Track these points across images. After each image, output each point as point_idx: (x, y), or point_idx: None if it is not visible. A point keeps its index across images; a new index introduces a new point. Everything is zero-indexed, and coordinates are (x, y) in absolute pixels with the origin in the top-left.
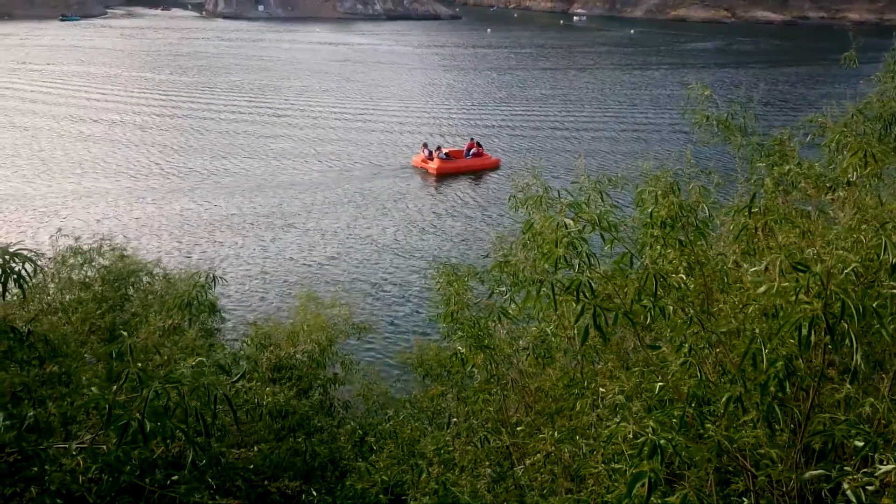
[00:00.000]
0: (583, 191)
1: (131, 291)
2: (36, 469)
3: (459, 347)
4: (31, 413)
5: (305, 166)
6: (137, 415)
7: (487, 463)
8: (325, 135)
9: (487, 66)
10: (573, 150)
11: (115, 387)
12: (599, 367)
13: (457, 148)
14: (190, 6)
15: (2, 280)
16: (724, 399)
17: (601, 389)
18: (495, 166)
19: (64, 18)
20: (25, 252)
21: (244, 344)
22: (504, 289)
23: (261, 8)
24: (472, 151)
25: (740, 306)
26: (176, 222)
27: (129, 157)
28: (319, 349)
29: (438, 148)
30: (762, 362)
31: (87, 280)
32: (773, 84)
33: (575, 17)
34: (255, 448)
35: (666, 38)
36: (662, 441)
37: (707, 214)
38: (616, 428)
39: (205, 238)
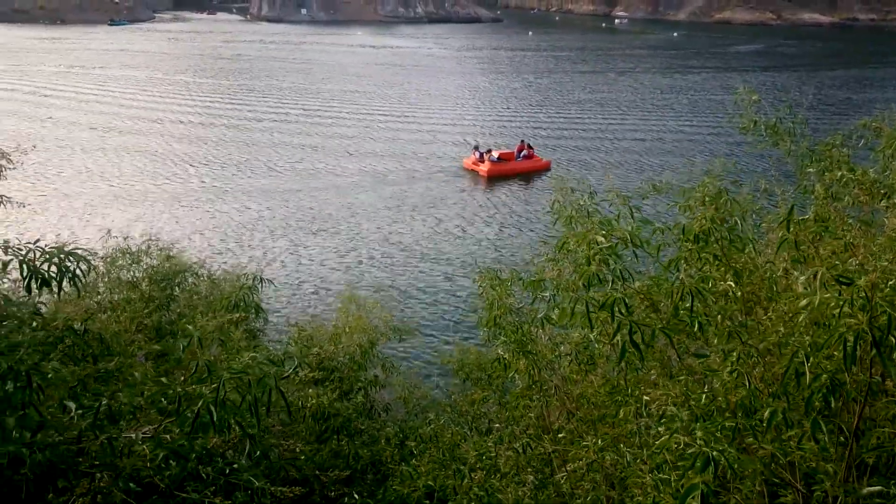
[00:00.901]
0: (614, 206)
1: (177, 291)
2: (109, 455)
3: (501, 352)
4: (105, 402)
5: (348, 169)
6: (208, 405)
7: (530, 469)
8: (370, 137)
9: (530, 69)
10: (618, 152)
11: (183, 377)
12: (642, 374)
13: (507, 150)
14: (234, 10)
15: (58, 279)
16: (767, 413)
17: (645, 398)
18: (546, 168)
19: (112, 23)
20: (80, 252)
21: (288, 345)
22: (547, 294)
23: (303, 11)
24: (522, 153)
25: (788, 316)
26: (219, 223)
27: (172, 159)
28: (361, 351)
29: (489, 150)
30: (805, 376)
31: (135, 280)
32: (822, 88)
33: (616, 20)
34: (297, 449)
35: (710, 42)
36: (715, 453)
37: (741, 229)
38: (666, 439)
39: (247, 239)
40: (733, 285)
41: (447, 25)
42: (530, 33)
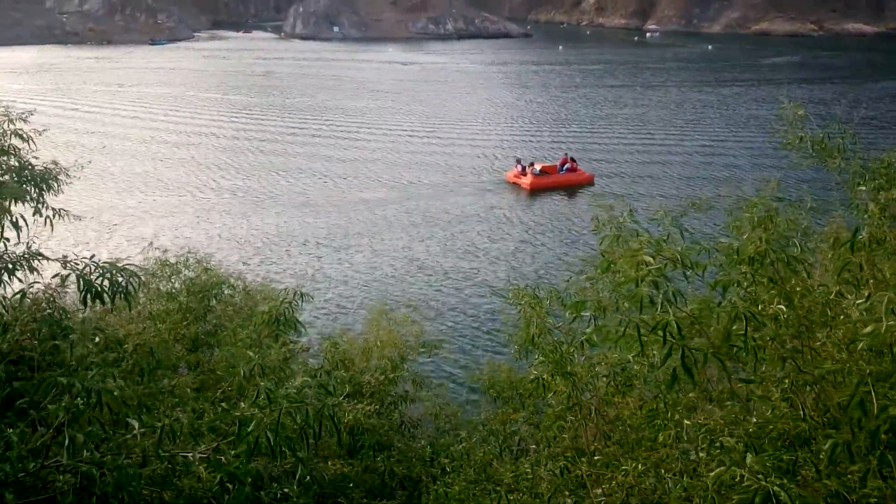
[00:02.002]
0: (663, 226)
1: (214, 303)
2: (171, 475)
3: (535, 372)
4: (167, 422)
5: (384, 183)
6: (266, 431)
7: (567, 492)
8: (406, 152)
9: (561, 84)
10: (657, 167)
11: (242, 403)
12: (681, 398)
13: (550, 163)
14: (269, 28)
15: (110, 293)
16: (828, 445)
17: (686, 422)
18: (589, 182)
19: (153, 43)
20: (131, 267)
21: (324, 361)
22: (587, 314)
23: (336, 29)
24: (565, 167)
25: (846, 342)
26: (253, 236)
27: (206, 174)
28: (391, 366)
29: (532, 163)
30: (872, 406)
31: (173, 291)
32: (865, 101)
33: (648, 34)
34: (329, 463)
35: (746, 54)
36: (775, 488)
37: (798, 250)
38: (722, 470)
39: (280, 251)
40: (784, 309)
41: (477, 41)
42: (560, 48)
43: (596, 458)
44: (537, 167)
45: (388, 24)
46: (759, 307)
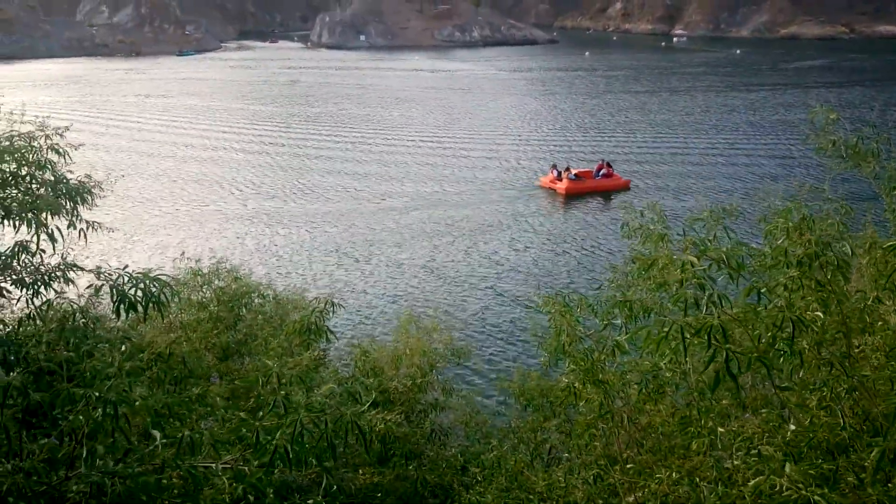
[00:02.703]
0: (707, 227)
1: (244, 312)
2: (190, 486)
3: (565, 380)
4: (188, 433)
5: (411, 191)
6: (284, 441)
7: (600, 501)
8: (436, 158)
9: (588, 90)
10: (693, 172)
11: (261, 413)
12: (714, 405)
13: (586, 168)
14: (296, 38)
15: (143, 303)
16: (874, 454)
17: (720, 429)
18: (625, 187)
19: (180, 54)
20: (164, 277)
21: (355, 369)
22: (618, 321)
23: (362, 38)
24: (601, 172)
25: (887, 349)
26: (282, 244)
27: (233, 183)
28: (421, 374)
29: (567, 168)
30: None
31: (204, 300)
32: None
33: (675, 39)
34: (359, 472)
35: (774, 58)
36: (816, 497)
37: (850, 252)
38: (762, 480)
39: (309, 259)
40: (821, 315)
41: (503, 48)
42: (587, 54)
43: (629, 465)
44: (573, 172)
45: (414, 32)
46: (797, 312)
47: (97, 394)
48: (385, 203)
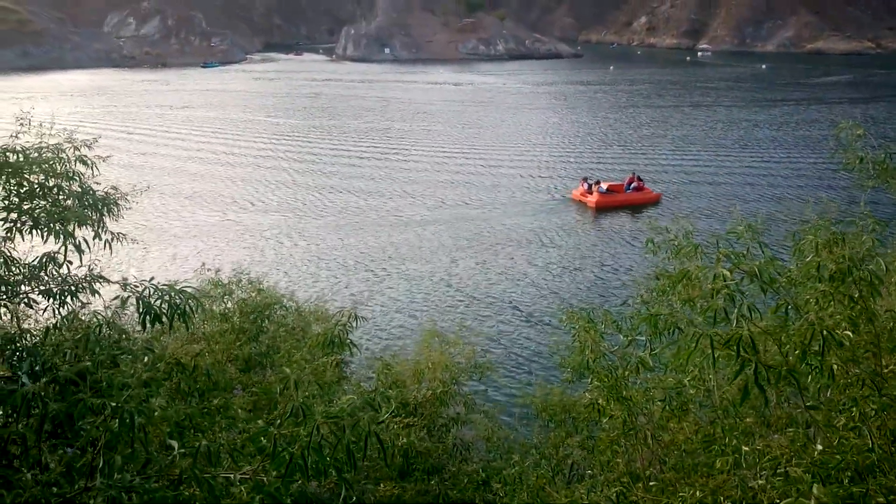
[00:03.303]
0: (740, 240)
1: (266, 323)
2: (209, 497)
3: (588, 396)
4: (205, 443)
5: (438, 203)
6: (301, 449)
7: None
8: (466, 171)
9: (613, 104)
10: (723, 186)
11: (279, 420)
12: (738, 422)
13: (617, 182)
14: (321, 50)
15: (168, 315)
16: None
17: (744, 448)
18: (656, 201)
19: (205, 65)
20: (189, 289)
21: (377, 382)
22: (642, 338)
23: (387, 51)
24: (632, 185)
25: None
26: (302, 257)
27: (252, 196)
28: (443, 387)
29: (598, 181)
30: None
31: (226, 312)
32: None
33: (700, 53)
34: (380, 485)
35: (799, 73)
36: None
37: (884, 269)
38: (791, 502)
39: (331, 271)
40: (851, 335)
41: (528, 62)
42: (611, 68)
43: (651, 483)
44: (603, 185)
45: (438, 45)
46: (827, 327)
47: (114, 404)
48: (408, 216)
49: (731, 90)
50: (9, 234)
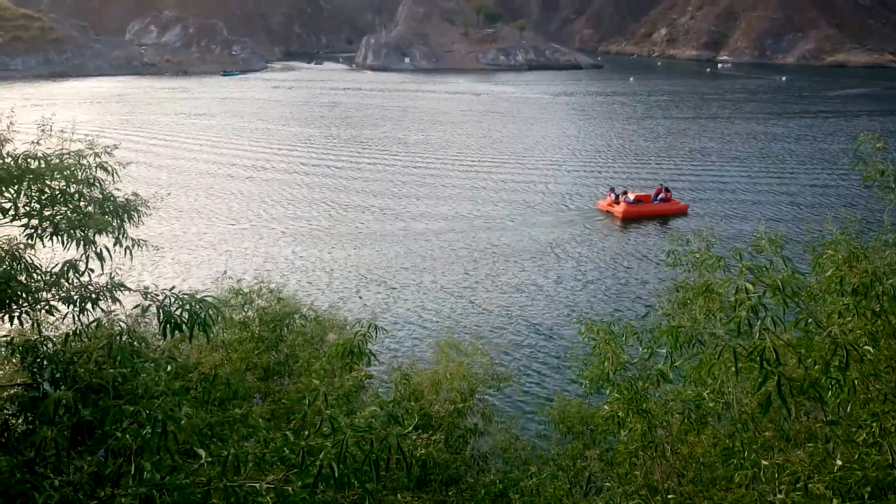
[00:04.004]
0: (763, 253)
1: (285, 332)
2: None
3: (607, 408)
4: (233, 452)
5: (459, 213)
6: (329, 460)
7: None
8: (489, 181)
9: (633, 115)
10: (745, 199)
11: (307, 432)
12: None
13: (644, 192)
14: (341, 59)
15: (189, 324)
16: None
17: (763, 462)
18: (683, 212)
19: (225, 74)
20: (209, 298)
21: (395, 392)
22: (663, 350)
23: (407, 60)
24: (659, 196)
25: None
26: (318, 266)
27: (267, 205)
28: (461, 398)
29: (625, 192)
30: None
31: (246, 320)
32: None
33: (720, 65)
34: (398, 496)
35: (819, 85)
36: None
37: None
38: None
39: (347, 281)
40: (871, 349)
41: (547, 72)
42: (631, 79)
43: (670, 496)
44: (631, 196)
45: (458, 55)
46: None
47: (147, 411)
48: (427, 226)
49: (752, 102)
50: (30, 241)
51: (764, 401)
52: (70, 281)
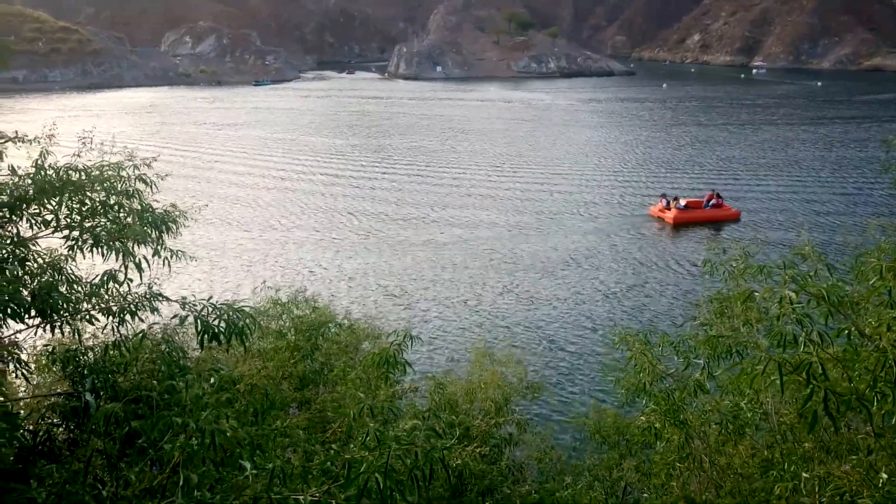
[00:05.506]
0: (807, 262)
1: (320, 341)
2: None
3: (644, 419)
4: (279, 464)
5: (504, 220)
6: (375, 473)
7: None
8: (537, 186)
9: (669, 121)
10: (797, 205)
11: (352, 444)
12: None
13: (696, 198)
14: (373, 68)
15: (226, 334)
16: None
17: (804, 474)
18: (735, 218)
19: (256, 83)
20: (246, 308)
21: (430, 401)
22: (700, 360)
23: (439, 69)
24: (711, 202)
25: None
26: (353, 274)
27: (296, 215)
28: (496, 408)
29: (676, 198)
30: None
31: (282, 329)
32: None
33: (754, 70)
34: None
35: (856, 90)
36: None
37: None
38: None
39: (382, 288)
40: None
41: (579, 79)
42: (664, 85)
43: None
44: (682, 202)
45: (490, 63)
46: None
47: (195, 423)
48: (468, 233)
49: (789, 107)
50: (70, 252)
51: (810, 417)
52: (109, 291)
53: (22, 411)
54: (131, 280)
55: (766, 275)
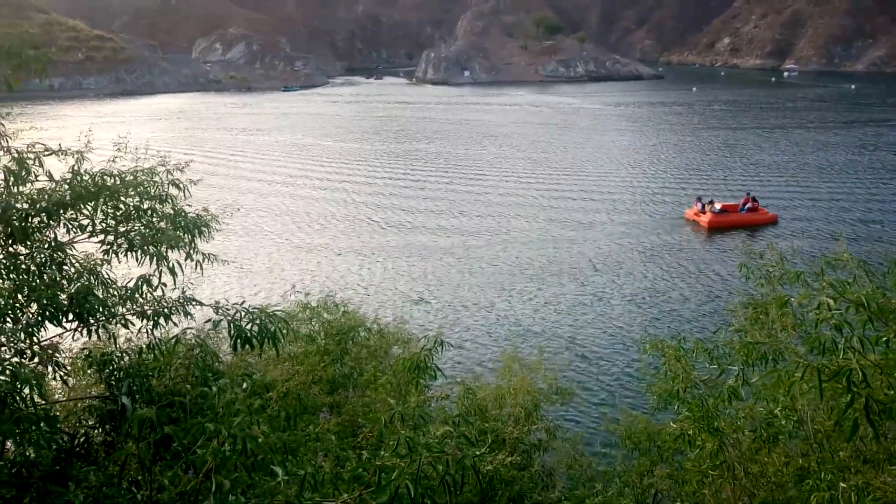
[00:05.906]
0: (846, 268)
1: (350, 345)
2: None
3: (676, 426)
4: (311, 470)
5: (531, 225)
6: (406, 480)
7: None
8: (569, 190)
9: (700, 125)
10: (834, 209)
11: (383, 451)
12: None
13: (731, 202)
14: (401, 73)
15: (259, 339)
16: None
17: (842, 484)
18: (771, 222)
19: (285, 89)
20: (279, 312)
21: (460, 407)
22: (734, 367)
23: (466, 74)
24: (747, 206)
25: None
26: (382, 279)
27: (329, 217)
28: (525, 413)
29: (711, 201)
30: None
31: (312, 333)
32: None
33: (786, 73)
34: None
35: (894, 93)
36: None
37: None
38: None
39: (411, 293)
40: None
41: (608, 83)
42: (694, 89)
43: None
44: (717, 205)
45: (518, 68)
46: None
47: (227, 429)
48: (503, 238)
49: (822, 111)
50: (106, 257)
51: (850, 425)
52: (144, 295)
53: (59, 413)
54: (165, 284)
55: (803, 282)
